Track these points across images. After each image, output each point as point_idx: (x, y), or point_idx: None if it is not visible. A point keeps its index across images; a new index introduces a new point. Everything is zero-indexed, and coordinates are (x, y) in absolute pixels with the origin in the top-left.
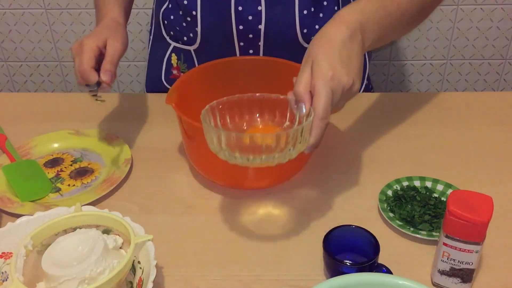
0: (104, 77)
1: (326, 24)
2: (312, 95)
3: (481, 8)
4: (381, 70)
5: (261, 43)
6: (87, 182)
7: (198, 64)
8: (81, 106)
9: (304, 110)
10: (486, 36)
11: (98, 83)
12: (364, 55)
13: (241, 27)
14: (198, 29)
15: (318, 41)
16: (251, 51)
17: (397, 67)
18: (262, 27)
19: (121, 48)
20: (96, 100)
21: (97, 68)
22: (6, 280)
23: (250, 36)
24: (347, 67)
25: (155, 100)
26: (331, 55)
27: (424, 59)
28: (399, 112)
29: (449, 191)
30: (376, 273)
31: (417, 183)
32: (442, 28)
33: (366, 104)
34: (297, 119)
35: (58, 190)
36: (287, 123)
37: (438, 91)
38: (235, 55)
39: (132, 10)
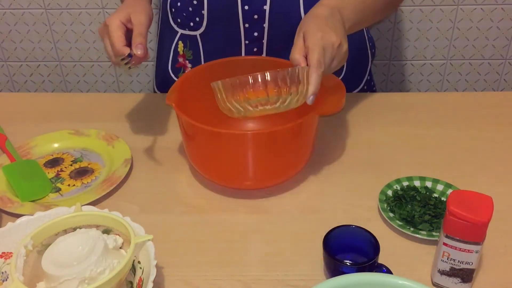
0: (137, 51)
1: (311, 9)
2: (306, 58)
3: (481, 8)
4: (381, 70)
5: (265, 25)
6: (87, 182)
7: (203, 50)
8: (81, 106)
9: None
10: (486, 36)
11: (130, 55)
12: (367, 54)
13: (246, 7)
14: (205, 11)
15: (306, 18)
16: (255, 34)
17: (397, 67)
18: (267, 7)
19: (145, 20)
20: (129, 68)
21: (128, 45)
22: (6, 280)
23: (255, 16)
24: (334, 30)
25: (156, 100)
26: (319, 23)
27: (424, 59)
28: (399, 112)
29: (449, 191)
30: (376, 273)
31: (417, 183)
32: (442, 28)
33: (366, 104)
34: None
35: (58, 190)
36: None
37: (438, 91)
38: (240, 38)
39: None
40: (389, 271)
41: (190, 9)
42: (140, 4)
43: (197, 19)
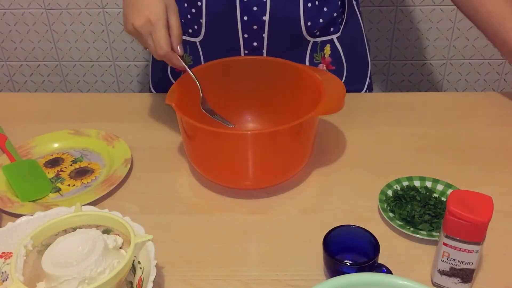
0: (180, 51)
1: None
2: None
3: None
4: (381, 70)
5: (265, 35)
6: (87, 182)
7: (203, 56)
8: (81, 106)
9: None
10: None
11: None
12: (367, 55)
13: (245, 17)
14: (203, 20)
15: None
16: (255, 44)
17: (397, 67)
18: (266, 18)
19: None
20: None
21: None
22: (6, 280)
23: (255, 27)
24: None
25: (156, 100)
26: None
27: (424, 59)
28: (399, 112)
29: (449, 191)
30: (376, 273)
31: (417, 183)
32: (442, 28)
33: (366, 104)
34: None
35: (58, 190)
36: None
37: (438, 91)
38: (239, 47)
39: None
40: (389, 271)
41: (189, 16)
42: None
43: (196, 27)
